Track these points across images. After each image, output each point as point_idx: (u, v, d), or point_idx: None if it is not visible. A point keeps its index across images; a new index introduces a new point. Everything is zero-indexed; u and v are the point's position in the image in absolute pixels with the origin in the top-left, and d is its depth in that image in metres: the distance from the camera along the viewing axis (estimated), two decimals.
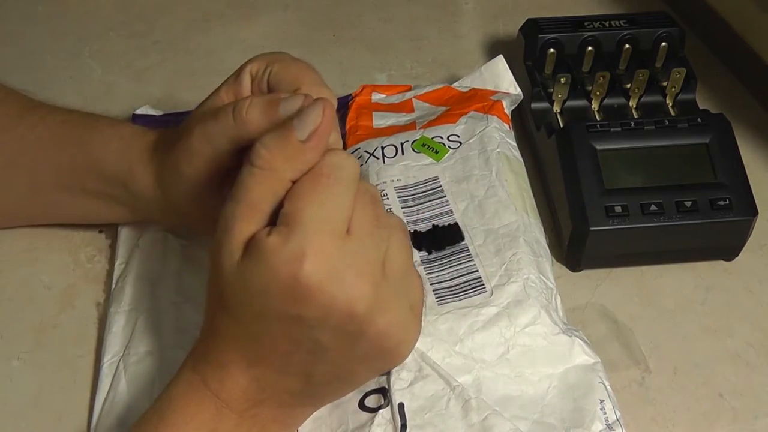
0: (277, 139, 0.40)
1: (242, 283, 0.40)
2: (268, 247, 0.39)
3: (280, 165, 0.40)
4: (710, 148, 0.58)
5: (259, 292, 0.39)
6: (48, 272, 0.57)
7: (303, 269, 0.38)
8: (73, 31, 0.74)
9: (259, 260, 0.39)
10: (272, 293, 0.39)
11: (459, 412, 0.47)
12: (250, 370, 0.42)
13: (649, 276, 0.58)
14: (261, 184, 0.40)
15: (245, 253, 0.40)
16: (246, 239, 0.40)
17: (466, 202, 0.55)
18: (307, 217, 0.39)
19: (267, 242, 0.39)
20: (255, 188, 0.40)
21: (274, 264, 0.39)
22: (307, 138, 0.40)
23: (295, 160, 0.40)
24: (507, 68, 0.64)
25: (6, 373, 0.53)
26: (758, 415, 0.52)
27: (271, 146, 0.40)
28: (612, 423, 0.48)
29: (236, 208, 0.40)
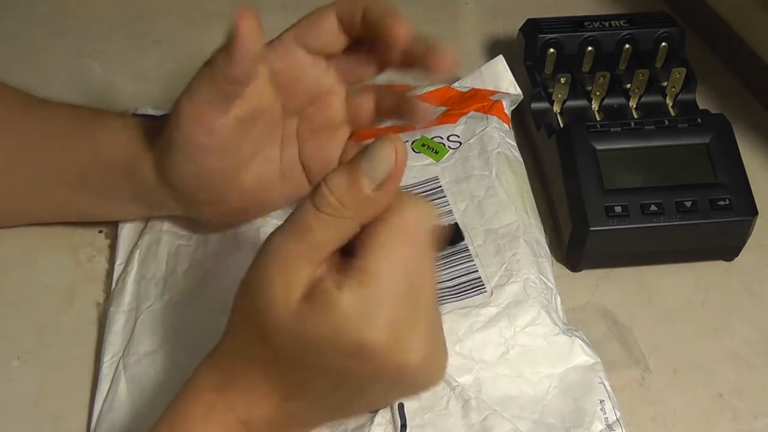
0: (346, 188, 0.37)
1: (301, 331, 0.38)
2: (341, 304, 0.37)
3: (349, 213, 0.37)
4: (710, 148, 0.58)
5: (319, 344, 0.38)
6: (48, 272, 0.57)
7: (373, 336, 0.37)
8: (73, 31, 0.74)
9: (327, 313, 0.37)
10: (334, 349, 0.37)
11: (459, 412, 0.47)
12: (282, 404, 0.41)
13: (649, 276, 0.58)
14: (328, 230, 0.38)
15: (310, 299, 0.38)
16: (306, 282, 0.38)
17: (466, 202, 0.55)
18: (383, 274, 0.37)
19: (338, 297, 0.37)
20: (321, 233, 0.38)
21: (344, 323, 0.37)
22: (378, 186, 0.37)
23: (366, 208, 0.37)
24: (507, 68, 0.64)
25: (6, 373, 0.53)
26: (758, 415, 0.52)
27: (338, 193, 0.37)
28: (612, 423, 0.48)
29: (296, 248, 0.38)
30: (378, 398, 0.44)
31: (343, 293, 0.37)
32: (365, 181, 0.37)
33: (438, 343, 0.41)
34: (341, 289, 0.37)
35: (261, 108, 0.50)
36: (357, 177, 0.37)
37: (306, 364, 0.39)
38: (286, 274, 0.38)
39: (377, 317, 0.37)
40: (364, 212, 0.38)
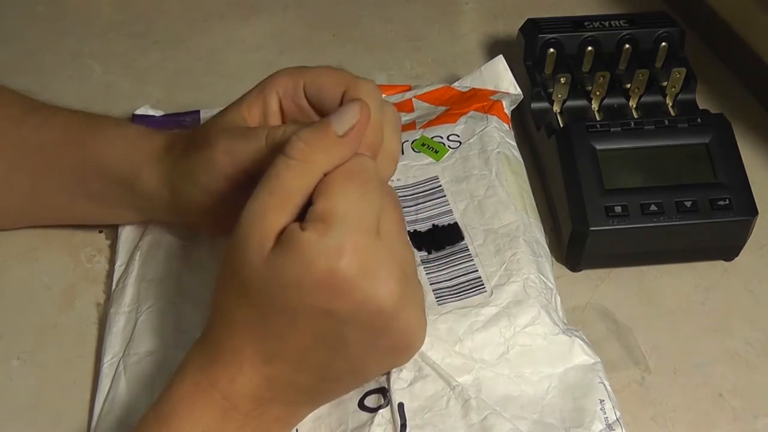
0: (315, 132, 0.41)
1: (274, 275, 0.40)
2: (306, 241, 0.39)
3: (316, 157, 0.40)
4: (710, 148, 0.58)
5: (292, 285, 0.40)
6: (48, 272, 0.57)
7: (340, 264, 0.39)
8: (73, 31, 0.74)
9: (295, 253, 0.39)
10: (306, 286, 0.39)
11: (459, 412, 0.47)
12: (265, 368, 0.42)
13: (649, 276, 0.58)
14: (296, 176, 0.40)
15: (278, 245, 0.40)
16: (278, 231, 0.40)
17: (466, 202, 0.55)
18: (343, 213, 0.40)
19: (304, 236, 0.39)
20: (290, 179, 0.40)
21: (311, 257, 0.39)
22: (344, 133, 0.41)
23: (331, 153, 0.41)
24: (507, 68, 0.64)
25: (6, 373, 0.53)
26: (758, 415, 0.52)
27: (308, 139, 0.41)
28: (612, 423, 0.48)
29: (268, 199, 0.40)
30: (362, 358, 0.44)
31: (307, 231, 0.39)
32: (332, 127, 0.41)
33: (411, 286, 0.43)
34: (305, 230, 0.39)
35: None
36: (325, 124, 0.41)
37: (287, 312, 0.40)
38: (261, 226, 0.40)
39: (342, 248, 0.39)
40: (328, 157, 0.41)
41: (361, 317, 0.41)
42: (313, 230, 0.39)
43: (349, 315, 0.40)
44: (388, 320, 0.41)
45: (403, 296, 0.41)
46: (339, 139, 0.41)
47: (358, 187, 0.41)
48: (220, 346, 0.42)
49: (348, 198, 0.40)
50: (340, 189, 0.40)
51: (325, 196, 0.40)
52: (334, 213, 0.40)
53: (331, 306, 0.40)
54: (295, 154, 0.40)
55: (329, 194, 0.40)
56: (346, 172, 0.41)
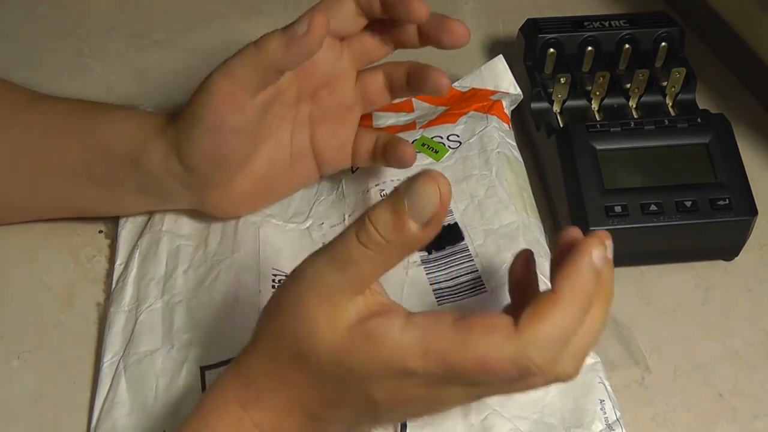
0: (392, 227, 0.37)
1: (346, 358, 0.38)
2: (396, 337, 0.37)
3: (393, 250, 0.37)
4: (710, 148, 0.58)
5: (362, 372, 0.38)
6: (48, 272, 0.57)
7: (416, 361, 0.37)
8: (73, 30, 0.74)
9: (376, 346, 0.38)
10: (377, 374, 0.38)
11: (459, 411, 0.47)
12: (308, 423, 0.41)
13: (649, 276, 0.58)
14: (373, 264, 0.38)
15: (358, 332, 0.38)
16: (353, 313, 0.38)
17: (466, 202, 0.55)
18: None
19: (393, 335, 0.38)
20: (366, 267, 0.38)
21: (390, 354, 0.37)
22: (423, 226, 0.37)
23: (411, 246, 0.38)
24: (507, 68, 0.64)
25: (6, 373, 0.53)
26: (758, 415, 0.52)
27: (384, 231, 0.37)
28: (612, 423, 0.48)
29: (341, 281, 0.38)
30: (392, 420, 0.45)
31: (405, 333, 0.38)
32: (410, 222, 0.36)
33: None
34: (403, 332, 0.38)
35: (280, 92, 0.51)
36: (402, 217, 0.36)
37: (345, 386, 0.39)
38: (332, 306, 0.38)
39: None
40: (409, 249, 0.38)
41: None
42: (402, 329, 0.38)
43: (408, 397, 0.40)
44: None
45: None
46: (418, 233, 0.37)
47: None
48: (267, 390, 0.41)
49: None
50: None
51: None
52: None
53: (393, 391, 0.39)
54: (372, 246, 0.37)
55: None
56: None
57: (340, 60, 0.52)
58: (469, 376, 0.37)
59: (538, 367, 0.36)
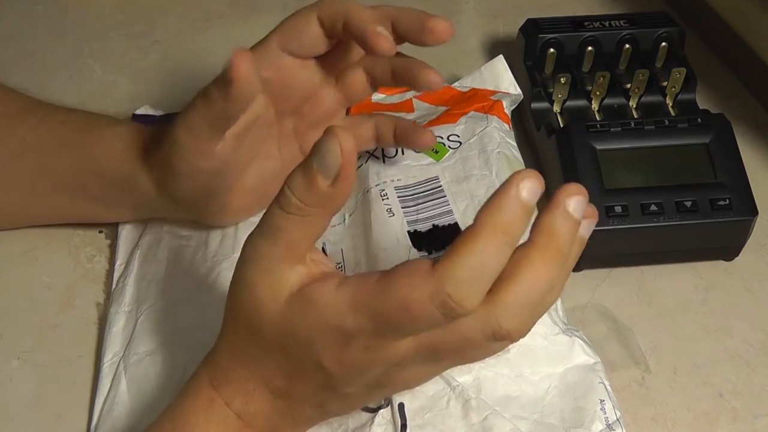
0: (305, 187, 0.38)
1: (288, 325, 0.39)
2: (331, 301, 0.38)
3: (313, 211, 0.39)
4: (710, 148, 0.58)
5: (305, 339, 0.39)
6: (48, 272, 0.57)
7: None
8: (73, 31, 0.74)
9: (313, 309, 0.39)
10: (320, 342, 0.39)
11: (459, 411, 0.47)
12: (275, 400, 0.42)
13: (649, 276, 0.58)
14: (298, 228, 0.39)
15: (297, 296, 0.39)
16: (291, 281, 0.39)
17: (467, 202, 0.55)
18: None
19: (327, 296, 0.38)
20: (293, 232, 0.39)
21: (326, 315, 0.38)
22: (332, 181, 0.38)
23: (328, 203, 0.39)
24: (507, 68, 0.64)
25: (6, 373, 0.53)
26: (758, 415, 0.52)
27: (299, 193, 0.38)
28: (612, 423, 0.48)
29: (274, 250, 0.39)
30: (359, 398, 0.44)
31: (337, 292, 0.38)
32: (320, 179, 0.38)
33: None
34: (337, 290, 0.38)
35: (255, 119, 0.50)
36: (312, 176, 0.38)
37: (295, 356, 0.40)
38: (269, 277, 0.40)
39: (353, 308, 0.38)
40: (328, 206, 0.39)
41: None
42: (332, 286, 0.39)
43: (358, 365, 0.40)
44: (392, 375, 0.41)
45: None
46: (330, 189, 0.38)
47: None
48: (230, 371, 0.42)
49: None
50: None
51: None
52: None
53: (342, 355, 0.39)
54: (293, 210, 0.39)
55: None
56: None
57: (315, 76, 0.52)
58: (395, 323, 0.37)
59: (459, 305, 0.35)
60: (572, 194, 0.37)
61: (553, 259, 0.37)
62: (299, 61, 0.50)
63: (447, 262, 0.36)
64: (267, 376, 0.42)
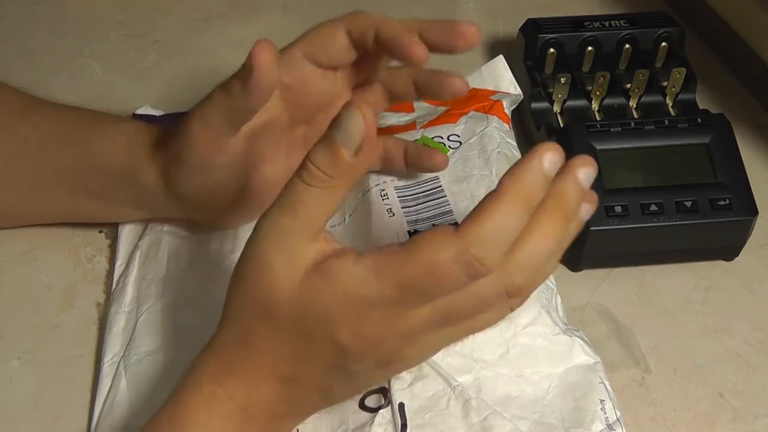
0: (330, 159, 0.39)
1: (306, 300, 0.39)
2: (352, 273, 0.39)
3: (336, 182, 0.39)
4: (710, 148, 0.58)
5: (324, 315, 0.39)
6: (48, 272, 0.57)
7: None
8: (73, 31, 0.74)
9: (333, 282, 0.39)
10: (339, 316, 0.39)
11: (459, 411, 0.47)
12: (281, 387, 0.42)
13: (649, 276, 0.58)
14: (321, 202, 0.39)
15: (314, 274, 0.39)
16: (311, 255, 0.40)
17: (467, 202, 0.55)
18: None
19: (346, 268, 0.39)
20: (314, 205, 0.39)
21: (347, 286, 0.39)
22: (356, 153, 0.39)
23: (350, 174, 0.39)
24: (507, 68, 0.64)
25: (6, 373, 0.53)
26: (758, 415, 0.52)
27: (324, 166, 0.39)
28: (612, 423, 0.48)
29: (294, 224, 0.40)
30: (365, 381, 0.44)
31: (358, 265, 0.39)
32: (344, 150, 0.39)
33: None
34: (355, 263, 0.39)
35: (269, 121, 0.51)
36: (336, 148, 0.39)
37: (310, 334, 0.40)
38: (288, 254, 0.40)
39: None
40: (349, 177, 0.40)
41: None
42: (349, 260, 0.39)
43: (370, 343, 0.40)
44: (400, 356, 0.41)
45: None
46: (353, 160, 0.39)
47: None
48: (237, 360, 0.42)
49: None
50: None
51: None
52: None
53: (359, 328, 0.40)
54: (316, 183, 0.39)
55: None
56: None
57: (333, 86, 0.52)
58: (421, 286, 0.38)
59: (482, 265, 0.36)
60: (585, 165, 0.39)
61: (561, 223, 0.39)
62: (321, 71, 0.50)
63: (471, 224, 0.37)
64: (275, 362, 0.41)
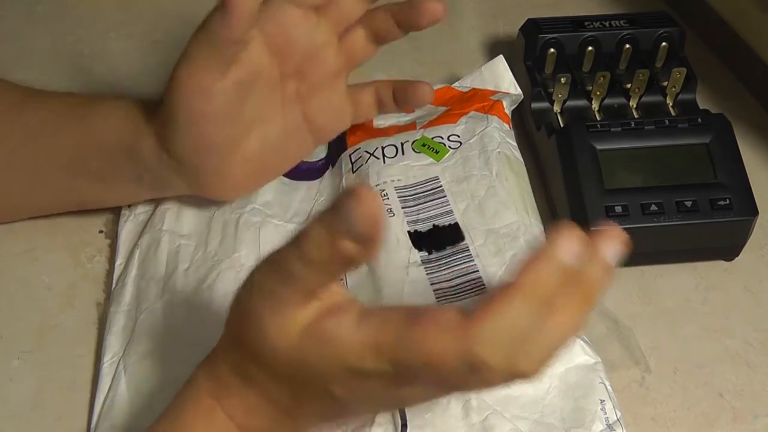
0: (329, 246, 0.35)
1: (300, 361, 0.38)
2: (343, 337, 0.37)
3: (334, 267, 0.37)
4: (710, 148, 0.58)
5: (319, 373, 0.38)
6: (48, 272, 0.57)
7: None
8: (73, 31, 0.74)
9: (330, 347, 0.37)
10: (335, 371, 0.38)
11: (459, 412, 0.47)
12: (279, 417, 0.41)
13: (649, 276, 0.58)
14: (315, 278, 0.37)
15: (310, 334, 0.38)
16: (302, 321, 0.38)
17: (467, 202, 0.55)
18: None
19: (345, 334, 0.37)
20: (309, 281, 0.37)
21: (344, 354, 0.37)
22: (360, 243, 0.35)
23: (350, 263, 0.36)
24: (507, 68, 0.64)
25: (6, 373, 0.53)
26: (758, 415, 0.52)
27: (320, 252, 0.36)
28: (612, 423, 0.48)
29: (287, 293, 0.37)
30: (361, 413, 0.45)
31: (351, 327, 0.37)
32: (346, 242, 0.35)
33: None
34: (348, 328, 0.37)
35: (258, 72, 0.50)
36: (337, 236, 0.35)
37: (305, 384, 0.39)
38: (281, 317, 0.38)
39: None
40: (349, 265, 0.37)
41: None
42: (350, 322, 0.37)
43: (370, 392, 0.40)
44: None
45: None
46: (355, 251, 0.35)
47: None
48: (233, 388, 0.41)
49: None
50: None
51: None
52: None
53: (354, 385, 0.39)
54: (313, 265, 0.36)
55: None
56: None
57: (317, 31, 0.51)
58: (418, 373, 0.36)
59: (485, 365, 0.34)
60: (612, 242, 0.36)
61: (580, 309, 0.35)
62: (302, 13, 0.50)
63: (478, 319, 0.34)
64: (276, 399, 0.41)
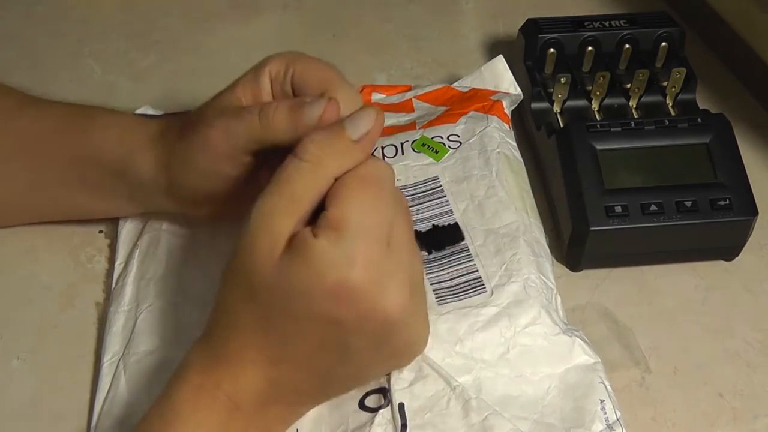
0: (329, 136, 0.41)
1: (282, 282, 0.40)
2: (317, 249, 0.39)
3: (327, 161, 0.40)
4: (710, 148, 0.58)
5: (301, 292, 0.40)
6: (48, 272, 0.57)
7: (350, 275, 0.39)
8: (73, 31, 0.74)
9: (305, 261, 0.39)
10: (315, 295, 0.39)
11: (459, 412, 0.47)
12: (269, 371, 0.42)
13: (649, 276, 0.58)
14: (307, 179, 0.40)
15: (288, 251, 0.40)
16: (287, 236, 0.40)
17: (466, 202, 0.55)
18: (355, 222, 0.39)
19: (315, 244, 0.39)
20: (300, 183, 0.40)
21: (321, 267, 0.39)
22: (358, 138, 0.41)
23: (344, 157, 0.41)
24: (507, 68, 0.64)
25: (6, 373, 0.53)
26: (758, 415, 0.52)
27: (321, 142, 0.40)
28: (612, 423, 0.48)
29: (278, 202, 0.40)
30: (365, 363, 0.44)
31: (319, 239, 0.39)
32: (346, 132, 0.41)
33: (418, 295, 0.43)
34: (317, 237, 0.39)
35: None
36: (339, 128, 0.41)
37: (291, 314, 0.40)
38: (270, 229, 0.40)
39: (354, 259, 0.39)
40: (341, 162, 0.40)
41: (367, 327, 0.41)
42: (325, 238, 0.39)
43: (355, 324, 0.40)
44: (393, 330, 0.42)
45: (410, 306, 0.41)
46: (352, 144, 0.41)
47: (372, 195, 0.40)
48: (224, 347, 0.42)
49: (361, 206, 0.40)
50: (353, 196, 0.40)
51: (338, 202, 0.40)
52: (346, 221, 0.39)
53: (339, 315, 0.40)
54: (307, 157, 0.40)
55: (342, 201, 0.40)
56: (360, 179, 0.41)
57: None
58: None
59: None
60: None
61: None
62: None
63: None
64: (262, 343, 0.41)
